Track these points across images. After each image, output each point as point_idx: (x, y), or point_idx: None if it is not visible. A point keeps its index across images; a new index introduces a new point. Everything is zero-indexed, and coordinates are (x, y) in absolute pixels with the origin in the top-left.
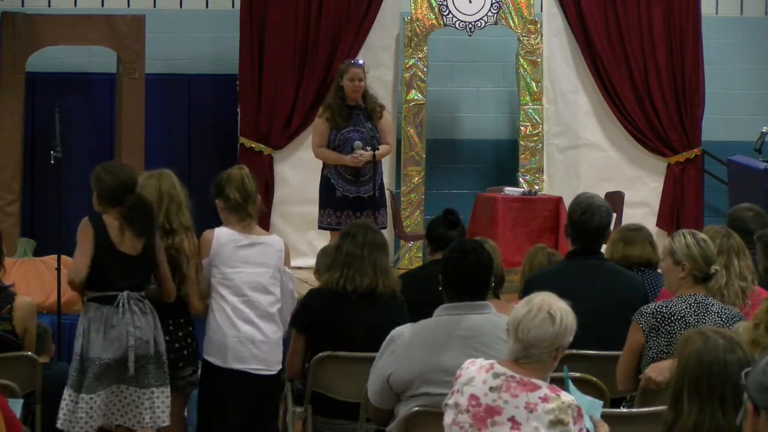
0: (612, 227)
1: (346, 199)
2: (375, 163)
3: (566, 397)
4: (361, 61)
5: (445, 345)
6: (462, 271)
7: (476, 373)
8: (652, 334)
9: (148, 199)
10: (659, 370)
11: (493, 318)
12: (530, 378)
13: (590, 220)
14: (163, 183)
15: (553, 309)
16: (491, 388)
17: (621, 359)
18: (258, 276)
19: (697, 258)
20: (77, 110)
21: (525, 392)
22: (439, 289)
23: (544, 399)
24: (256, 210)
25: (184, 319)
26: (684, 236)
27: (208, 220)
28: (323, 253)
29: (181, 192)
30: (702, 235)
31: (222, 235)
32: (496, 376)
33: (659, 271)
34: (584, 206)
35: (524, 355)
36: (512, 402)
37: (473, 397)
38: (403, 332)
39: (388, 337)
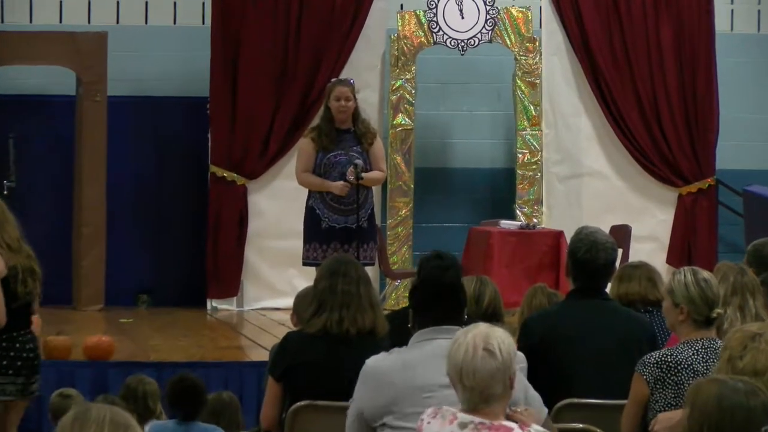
0: (617, 263)
1: (333, 231)
2: (365, 192)
3: (536, 428)
4: (350, 80)
5: (417, 365)
6: (435, 293)
7: (440, 428)
8: (657, 386)
9: None
10: (670, 430)
11: None
12: (499, 421)
13: (596, 258)
14: None
15: (487, 343)
16: None
17: (625, 413)
18: None
19: (696, 300)
20: (34, 136)
21: None
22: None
23: None
24: None
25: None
26: (684, 275)
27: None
28: (303, 297)
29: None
30: (705, 274)
31: None
32: (462, 426)
33: None
34: (588, 243)
35: (481, 399)
36: None
37: None
38: (376, 360)
39: (362, 370)
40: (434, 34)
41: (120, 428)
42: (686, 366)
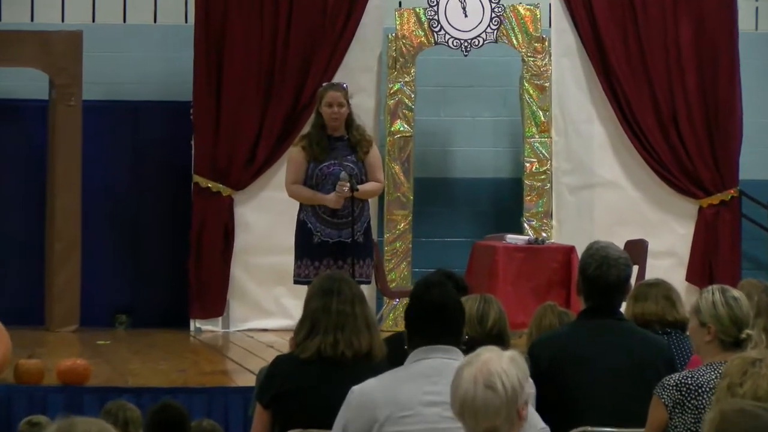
0: (633, 281)
1: (326, 246)
2: (360, 204)
3: None
4: (343, 84)
5: (402, 384)
6: (422, 312)
7: None
8: (676, 410)
9: None
10: None
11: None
12: None
13: (607, 274)
14: None
15: (487, 379)
16: None
17: None
18: None
19: (724, 320)
20: (4, 142)
21: None
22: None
23: None
24: None
25: None
26: (712, 293)
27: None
28: None
29: None
30: (735, 293)
31: None
32: None
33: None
34: (599, 259)
35: None
36: None
37: None
38: (362, 384)
39: (347, 395)
40: (435, 34)
41: None
42: (707, 389)
